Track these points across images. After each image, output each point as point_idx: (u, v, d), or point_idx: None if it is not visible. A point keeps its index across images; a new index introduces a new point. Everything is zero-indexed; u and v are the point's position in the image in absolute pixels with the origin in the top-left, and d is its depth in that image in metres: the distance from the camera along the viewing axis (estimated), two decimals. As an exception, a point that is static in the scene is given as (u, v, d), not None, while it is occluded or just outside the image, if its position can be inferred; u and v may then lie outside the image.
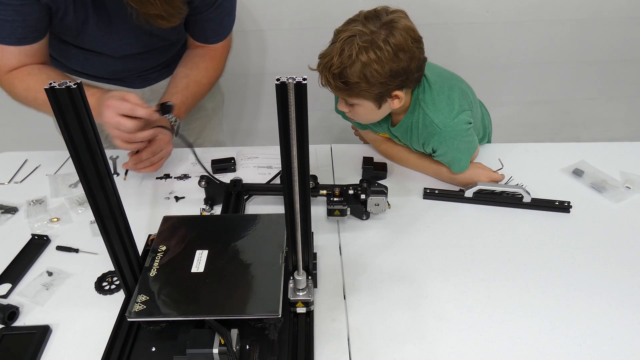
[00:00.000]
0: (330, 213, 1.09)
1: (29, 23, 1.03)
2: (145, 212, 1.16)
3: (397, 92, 1.08)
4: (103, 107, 1.04)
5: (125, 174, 1.27)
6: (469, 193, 1.17)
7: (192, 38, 1.29)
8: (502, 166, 1.24)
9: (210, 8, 1.17)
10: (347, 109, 1.14)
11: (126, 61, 1.26)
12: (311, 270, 0.88)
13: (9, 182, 1.26)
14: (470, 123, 1.14)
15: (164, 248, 0.90)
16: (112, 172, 1.29)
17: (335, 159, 1.35)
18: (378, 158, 1.33)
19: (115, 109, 1.03)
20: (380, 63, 0.99)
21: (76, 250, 1.05)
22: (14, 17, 1.01)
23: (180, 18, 1.04)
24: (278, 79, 0.62)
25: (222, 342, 0.75)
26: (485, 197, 1.18)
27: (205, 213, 1.14)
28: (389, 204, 1.10)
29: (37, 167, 1.31)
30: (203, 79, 1.30)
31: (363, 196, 1.08)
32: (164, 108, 1.14)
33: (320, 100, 1.61)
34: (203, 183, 1.14)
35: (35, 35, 1.07)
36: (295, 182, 0.72)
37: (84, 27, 1.10)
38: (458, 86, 1.16)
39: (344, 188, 1.11)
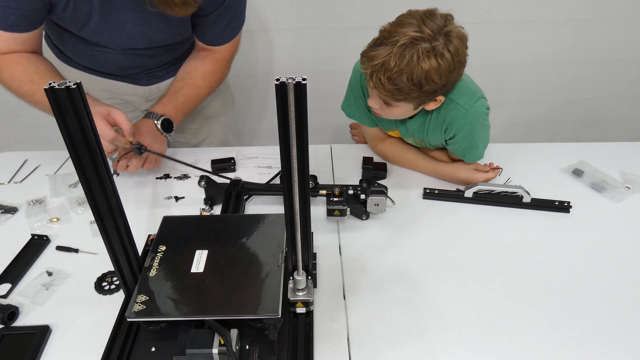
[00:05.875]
0: (330, 213, 1.09)
1: (22, 12, 1.03)
2: (145, 212, 1.16)
3: (440, 97, 1.08)
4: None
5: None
6: (468, 193, 1.17)
7: (198, 39, 1.29)
8: (490, 169, 1.24)
9: (217, 9, 1.17)
10: (378, 105, 1.11)
11: (132, 57, 1.26)
12: (311, 270, 0.88)
13: (9, 182, 1.26)
14: (488, 109, 1.16)
15: (164, 248, 0.90)
16: (112, 172, 1.29)
17: (335, 159, 1.35)
18: (378, 158, 1.33)
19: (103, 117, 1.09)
20: (439, 72, 0.98)
21: (76, 250, 1.05)
22: (7, 3, 1.01)
23: (195, 7, 1.05)
24: (278, 79, 0.62)
25: (222, 342, 0.75)
26: (485, 197, 1.18)
27: (205, 213, 1.14)
28: (393, 201, 1.09)
29: (37, 167, 1.30)
30: (200, 82, 1.31)
31: (363, 196, 1.08)
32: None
33: (320, 100, 1.61)
34: (203, 183, 1.14)
35: (27, 25, 1.06)
36: (295, 182, 0.72)
37: (88, 20, 1.10)
38: (468, 79, 1.18)
39: (343, 188, 1.11)
